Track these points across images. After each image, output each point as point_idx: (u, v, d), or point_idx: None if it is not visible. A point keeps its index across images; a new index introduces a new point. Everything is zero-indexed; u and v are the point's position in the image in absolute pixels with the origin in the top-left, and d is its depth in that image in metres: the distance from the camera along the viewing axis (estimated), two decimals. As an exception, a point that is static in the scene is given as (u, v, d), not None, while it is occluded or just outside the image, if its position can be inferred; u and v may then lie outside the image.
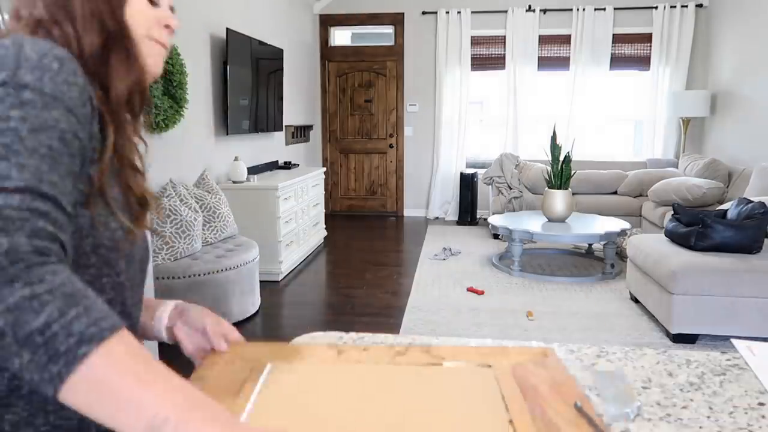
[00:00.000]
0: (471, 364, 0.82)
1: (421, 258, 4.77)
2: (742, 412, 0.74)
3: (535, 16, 6.25)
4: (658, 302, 3.12)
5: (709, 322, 2.92)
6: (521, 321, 3.33)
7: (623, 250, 4.46)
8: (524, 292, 3.85)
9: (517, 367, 0.80)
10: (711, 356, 0.91)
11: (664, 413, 0.74)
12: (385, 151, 6.93)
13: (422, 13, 6.52)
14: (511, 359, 0.83)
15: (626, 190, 5.56)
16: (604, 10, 6.13)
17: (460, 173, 6.31)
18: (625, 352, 0.92)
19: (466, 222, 6.25)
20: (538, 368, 0.80)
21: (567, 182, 4.48)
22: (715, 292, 2.89)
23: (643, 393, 0.79)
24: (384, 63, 6.78)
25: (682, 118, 5.90)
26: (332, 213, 6.98)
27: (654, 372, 0.85)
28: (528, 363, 0.82)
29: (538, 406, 0.70)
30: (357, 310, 3.57)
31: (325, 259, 4.93)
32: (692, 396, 0.78)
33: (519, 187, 5.64)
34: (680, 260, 2.95)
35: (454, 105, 6.56)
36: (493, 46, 6.47)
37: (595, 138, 6.37)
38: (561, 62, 6.35)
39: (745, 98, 5.16)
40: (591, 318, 3.38)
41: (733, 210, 3.19)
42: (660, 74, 6.14)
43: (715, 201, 4.67)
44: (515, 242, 4.24)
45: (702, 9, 6.00)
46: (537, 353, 0.84)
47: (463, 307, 3.56)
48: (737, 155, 5.25)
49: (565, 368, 0.80)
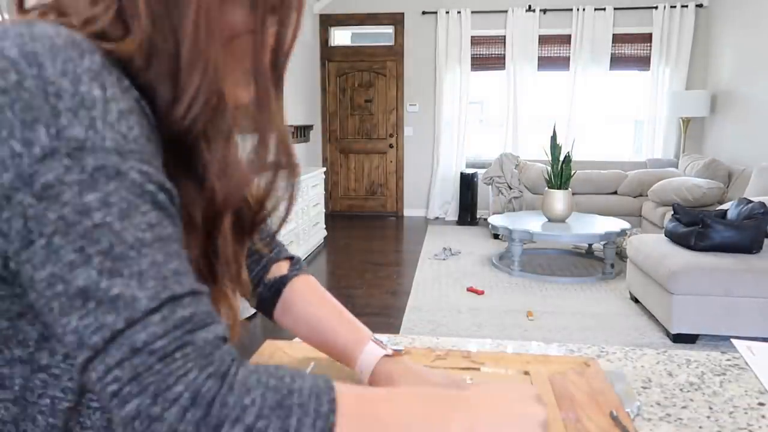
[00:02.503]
0: (509, 370, 0.83)
1: (421, 258, 4.76)
2: (742, 412, 0.74)
3: (535, 16, 6.25)
4: (658, 302, 3.12)
5: (709, 322, 2.92)
6: (521, 321, 3.33)
7: (623, 250, 4.46)
8: (524, 292, 3.85)
9: (556, 375, 0.81)
10: (711, 356, 0.91)
11: (664, 413, 0.74)
12: (385, 151, 6.93)
13: (422, 13, 6.52)
14: (552, 368, 0.83)
15: (626, 190, 5.55)
16: (604, 10, 6.13)
17: (460, 173, 6.31)
18: (625, 352, 0.92)
19: (466, 222, 6.25)
20: (577, 377, 0.81)
21: (567, 182, 4.48)
22: (715, 292, 2.89)
23: (643, 393, 0.79)
24: (384, 63, 6.78)
25: (682, 118, 5.90)
26: (332, 213, 6.98)
27: (654, 372, 0.85)
28: (568, 371, 0.82)
29: (573, 413, 0.70)
30: (357, 310, 3.55)
31: (325, 259, 4.93)
32: (692, 396, 0.78)
33: (519, 187, 5.64)
34: (680, 260, 2.95)
35: (454, 105, 6.56)
36: (493, 46, 6.47)
37: (595, 138, 6.37)
38: (561, 62, 6.35)
39: (745, 98, 5.16)
40: (591, 318, 3.38)
41: (733, 210, 3.19)
42: (660, 74, 6.14)
43: (715, 201, 4.67)
44: (515, 242, 4.24)
45: (702, 9, 6.00)
46: (578, 362, 0.85)
47: (463, 307, 3.56)
48: (737, 155, 5.25)
49: (605, 377, 0.81)
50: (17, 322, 0.46)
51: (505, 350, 0.92)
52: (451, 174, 6.66)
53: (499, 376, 0.82)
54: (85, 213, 0.39)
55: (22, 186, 0.39)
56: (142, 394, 0.40)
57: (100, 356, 0.40)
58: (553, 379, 0.80)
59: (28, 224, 0.39)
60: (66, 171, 0.39)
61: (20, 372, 0.47)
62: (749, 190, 4.26)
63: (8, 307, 0.45)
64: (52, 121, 0.39)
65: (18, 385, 0.47)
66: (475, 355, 0.88)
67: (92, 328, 0.40)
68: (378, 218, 6.83)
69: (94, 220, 0.39)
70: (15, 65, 0.39)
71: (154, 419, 0.40)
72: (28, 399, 0.47)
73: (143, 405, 0.40)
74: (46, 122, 0.39)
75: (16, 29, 0.41)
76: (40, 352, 0.47)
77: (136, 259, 0.41)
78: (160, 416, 0.40)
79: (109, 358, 0.40)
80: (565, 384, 0.78)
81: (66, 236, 0.39)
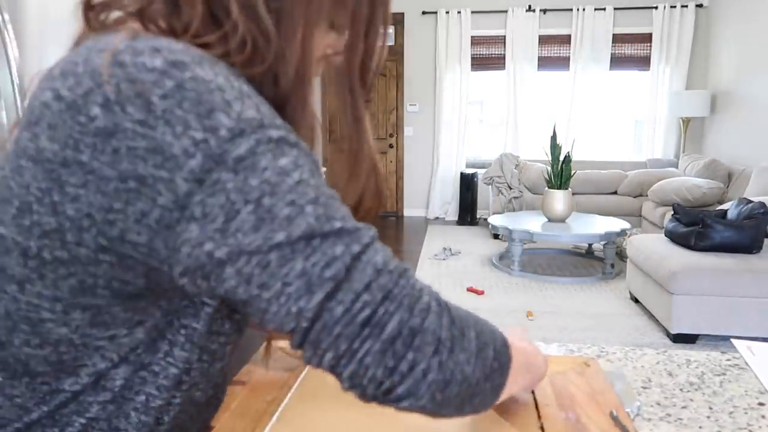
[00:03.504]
0: None
1: (421, 258, 4.76)
2: (742, 412, 0.74)
3: (535, 16, 6.25)
4: (658, 302, 3.12)
5: (709, 322, 2.92)
6: (521, 321, 3.33)
7: (623, 250, 4.46)
8: (524, 292, 3.85)
9: (556, 375, 0.81)
10: (711, 356, 0.91)
11: (664, 413, 0.74)
12: (385, 151, 6.93)
13: (422, 13, 6.52)
14: (552, 368, 0.83)
15: (626, 190, 5.55)
16: (604, 10, 6.13)
17: (460, 173, 6.31)
18: (625, 352, 0.92)
19: (466, 222, 6.25)
20: (577, 377, 0.81)
21: (567, 182, 4.48)
22: (715, 292, 2.89)
23: (643, 393, 0.79)
24: (384, 63, 6.77)
25: (682, 118, 5.90)
26: (332, 213, 6.98)
27: (654, 372, 0.85)
28: (568, 371, 0.82)
29: (573, 413, 0.70)
30: (357, 310, 3.57)
31: (325, 259, 4.93)
32: (692, 396, 0.78)
33: (519, 187, 5.64)
34: (680, 260, 2.95)
35: (454, 105, 6.56)
36: (493, 46, 6.47)
37: (595, 138, 6.37)
38: (561, 62, 6.35)
39: (745, 98, 5.16)
40: (591, 318, 3.38)
41: (733, 210, 3.19)
42: (660, 74, 6.14)
43: (715, 201, 4.67)
44: (515, 242, 4.24)
45: (702, 9, 6.00)
46: (578, 362, 0.85)
47: (463, 307, 3.55)
48: (737, 155, 5.25)
49: (605, 377, 0.81)
50: (135, 330, 0.47)
51: None
52: (451, 174, 6.66)
53: None
54: (285, 173, 0.41)
55: (215, 165, 0.40)
56: (399, 309, 0.42)
57: (345, 285, 0.41)
58: (553, 379, 0.80)
59: (230, 197, 0.40)
60: (257, 143, 0.41)
61: (123, 373, 0.47)
62: (749, 190, 4.26)
63: (132, 316, 0.46)
64: (227, 108, 0.41)
65: (119, 385, 0.48)
66: None
67: (324, 261, 0.41)
68: (378, 218, 6.82)
69: (294, 178, 0.42)
70: (165, 74, 0.40)
71: (417, 331, 0.42)
72: (125, 396, 0.48)
73: (404, 320, 0.42)
74: (223, 109, 0.40)
75: (142, 44, 0.41)
76: (146, 353, 0.48)
77: (335, 205, 0.43)
78: (421, 326, 0.42)
79: (356, 283, 0.41)
80: (565, 384, 0.78)
81: (274, 195, 0.40)
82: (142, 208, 0.40)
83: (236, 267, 0.40)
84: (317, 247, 0.40)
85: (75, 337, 0.45)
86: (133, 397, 0.48)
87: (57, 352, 0.45)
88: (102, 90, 0.40)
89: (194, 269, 0.41)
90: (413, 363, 0.42)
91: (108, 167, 0.40)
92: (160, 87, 0.40)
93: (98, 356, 0.46)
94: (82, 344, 0.46)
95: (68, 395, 0.47)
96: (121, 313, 0.45)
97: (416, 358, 0.42)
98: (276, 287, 0.40)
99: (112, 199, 0.40)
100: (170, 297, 0.47)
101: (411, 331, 0.41)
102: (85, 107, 0.40)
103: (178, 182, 0.39)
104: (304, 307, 0.40)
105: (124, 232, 0.41)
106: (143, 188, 0.40)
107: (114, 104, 0.40)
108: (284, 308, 0.41)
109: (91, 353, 0.46)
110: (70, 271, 0.43)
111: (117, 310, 0.45)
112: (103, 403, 0.47)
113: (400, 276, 0.43)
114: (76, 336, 0.45)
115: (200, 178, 0.39)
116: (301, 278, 0.40)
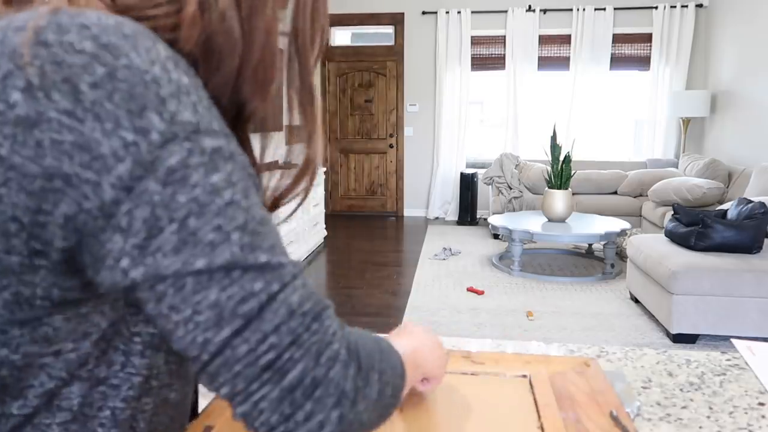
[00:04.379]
0: (508, 370, 0.83)
1: (421, 258, 4.77)
2: (742, 412, 0.74)
3: (535, 16, 6.25)
4: (658, 302, 3.12)
5: (709, 322, 2.92)
6: (521, 321, 3.33)
7: (623, 250, 4.46)
8: (524, 292, 3.85)
9: (557, 375, 0.81)
10: (711, 356, 0.91)
11: (664, 413, 0.74)
12: (385, 151, 6.93)
13: (422, 13, 6.52)
14: (552, 368, 0.83)
15: (626, 190, 5.56)
16: (604, 10, 6.13)
17: (460, 173, 6.31)
18: (625, 352, 0.92)
19: (466, 222, 6.25)
20: (577, 377, 0.81)
21: (567, 182, 4.48)
22: (715, 292, 2.89)
23: (643, 393, 0.79)
24: (384, 63, 6.78)
25: (682, 118, 5.90)
26: (332, 213, 6.98)
27: (654, 372, 0.85)
28: (568, 371, 0.82)
29: (573, 413, 0.70)
30: (357, 310, 3.57)
31: (325, 259, 4.93)
32: (692, 396, 0.78)
33: (519, 187, 5.64)
34: (680, 260, 2.95)
35: (454, 105, 6.56)
36: (493, 46, 6.47)
37: (595, 138, 6.37)
38: (561, 62, 6.35)
39: (745, 98, 5.16)
40: (591, 318, 3.38)
41: (733, 210, 3.19)
42: (660, 74, 6.14)
43: (715, 201, 4.67)
44: (515, 242, 4.24)
45: (702, 9, 6.00)
46: (578, 362, 0.85)
47: (463, 307, 3.56)
48: (737, 155, 5.25)
49: (605, 377, 0.81)
50: (81, 343, 0.44)
51: (505, 350, 0.92)
52: (451, 174, 6.66)
53: (497, 376, 0.82)
54: (215, 193, 0.38)
55: (145, 173, 0.36)
56: (305, 357, 0.39)
57: (254, 324, 0.39)
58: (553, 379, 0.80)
59: (155, 211, 0.37)
60: (189, 154, 0.37)
61: (78, 390, 0.44)
62: (749, 190, 4.26)
63: (75, 328, 0.43)
64: (161, 107, 0.37)
65: (77, 404, 0.45)
66: (475, 355, 0.88)
67: (240, 296, 0.38)
68: (378, 218, 6.83)
69: (224, 198, 0.38)
70: (97, 58, 0.36)
71: (320, 382, 0.40)
72: (87, 414, 0.45)
73: (308, 368, 0.39)
74: (155, 109, 0.37)
75: (68, 20, 0.37)
76: (98, 368, 0.45)
77: (266, 232, 0.41)
78: (325, 377, 0.40)
79: (266, 324, 0.39)
80: (565, 384, 0.78)
81: (201, 217, 0.38)
82: (66, 212, 0.37)
83: (149, 284, 0.38)
84: (236, 279, 0.38)
85: (16, 358, 0.41)
86: (96, 413, 0.45)
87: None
88: (23, 73, 0.35)
89: (110, 284, 0.39)
90: (310, 414, 0.39)
91: (31, 162, 0.35)
92: (90, 74, 0.36)
93: (44, 375, 0.42)
94: (24, 365, 0.41)
95: (20, 419, 0.43)
96: (63, 324, 0.41)
97: (314, 409, 0.39)
98: (186, 313, 0.38)
99: (39, 199, 0.36)
100: (112, 303, 0.44)
101: (313, 381, 0.39)
102: (4, 92, 0.35)
103: (105, 187, 0.36)
104: (210, 339, 0.38)
105: (54, 236, 0.37)
106: (68, 189, 0.36)
107: (37, 90, 0.35)
108: (190, 335, 0.39)
109: (36, 372, 0.42)
110: (2, 284, 0.38)
111: (58, 321, 0.41)
112: (63, 423, 0.44)
113: (314, 319, 0.41)
114: (18, 357, 0.41)
115: (129, 186, 0.36)
116: (213, 309, 0.38)
